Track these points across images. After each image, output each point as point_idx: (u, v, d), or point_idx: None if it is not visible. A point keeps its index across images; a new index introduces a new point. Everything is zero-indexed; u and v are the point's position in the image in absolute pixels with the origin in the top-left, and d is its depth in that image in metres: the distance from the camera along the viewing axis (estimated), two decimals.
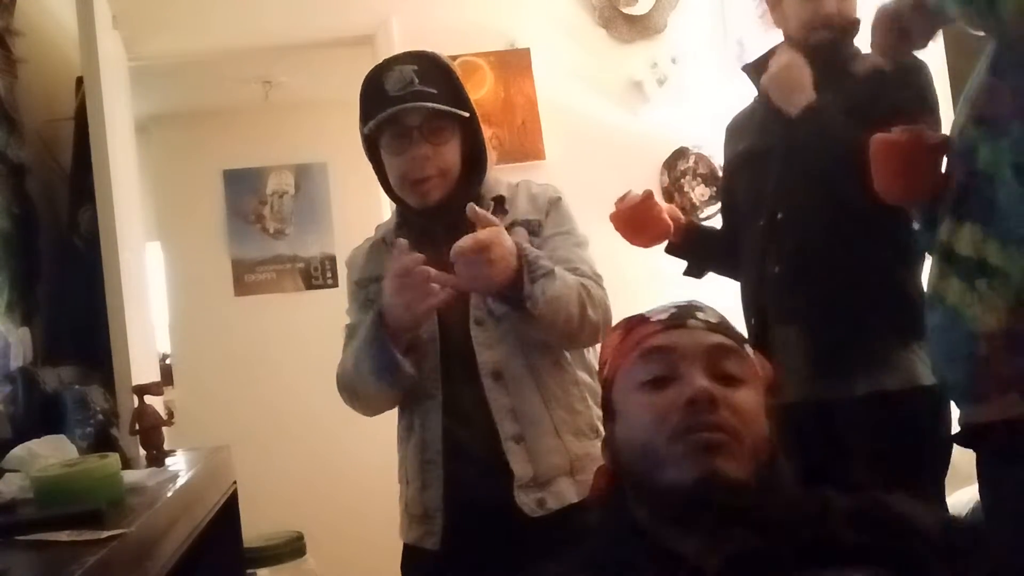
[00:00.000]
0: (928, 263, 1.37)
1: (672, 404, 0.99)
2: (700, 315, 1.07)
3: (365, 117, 1.60)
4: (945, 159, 1.35)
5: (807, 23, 1.91)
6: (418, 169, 1.57)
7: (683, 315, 1.07)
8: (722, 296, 1.96)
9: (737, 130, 2.12)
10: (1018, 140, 1.18)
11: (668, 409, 0.99)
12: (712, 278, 2.21)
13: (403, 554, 1.65)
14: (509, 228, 1.58)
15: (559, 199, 1.67)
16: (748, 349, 1.07)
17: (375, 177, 1.68)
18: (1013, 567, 1.03)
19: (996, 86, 1.23)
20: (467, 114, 1.60)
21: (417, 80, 1.55)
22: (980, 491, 1.35)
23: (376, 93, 1.58)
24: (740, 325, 1.99)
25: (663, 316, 1.08)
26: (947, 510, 1.86)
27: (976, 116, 1.26)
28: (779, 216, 1.92)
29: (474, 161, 1.65)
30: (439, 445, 1.56)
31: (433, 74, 1.58)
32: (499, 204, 1.64)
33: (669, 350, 1.03)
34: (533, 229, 1.64)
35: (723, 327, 1.07)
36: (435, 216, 1.62)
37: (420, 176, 1.58)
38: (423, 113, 1.56)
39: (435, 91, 1.56)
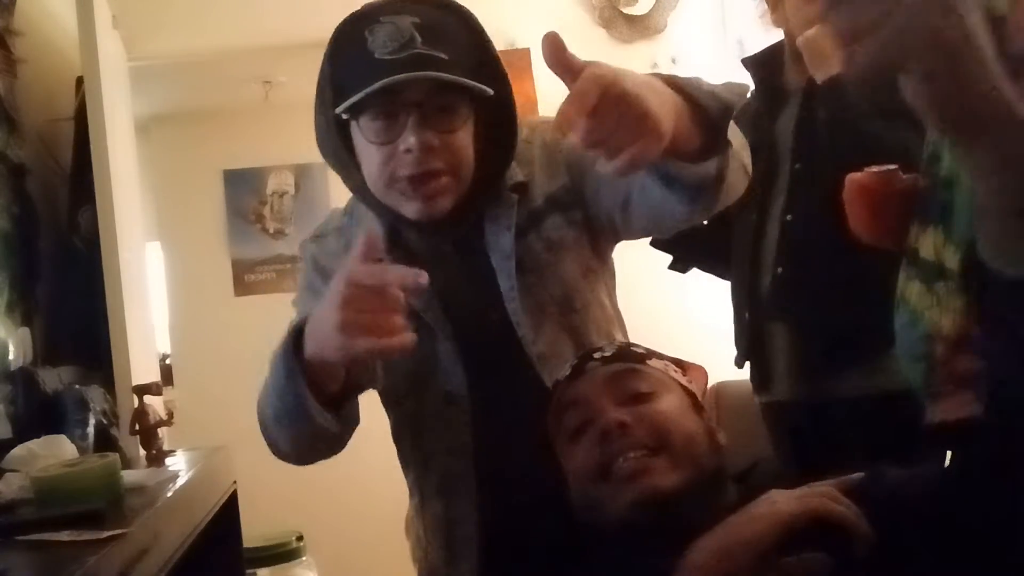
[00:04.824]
0: None
1: (591, 446, 1.02)
2: (597, 355, 1.10)
3: (337, 88, 1.11)
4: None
5: (811, 26, 1.91)
6: (415, 164, 1.08)
7: (581, 362, 1.10)
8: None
9: None
10: None
11: (590, 452, 1.02)
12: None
13: None
14: (539, 217, 1.18)
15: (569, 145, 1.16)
16: (653, 361, 1.10)
17: None
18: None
19: None
20: (491, 91, 1.11)
21: (419, 38, 1.06)
22: None
23: (356, 54, 1.09)
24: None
25: (566, 371, 1.11)
26: None
27: None
28: (788, 218, 1.87)
29: (496, 143, 1.16)
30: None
31: (442, 27, 1.10)
32: (521, 192, 1.19)
33: (576, 400, 1.07)
34: (565, 203, 1.18)
35: (620, 355, 1.10)
36: (441, 231, 1.17)
37: (417, 172, 1.08)
38: (427, 87, 1.07)
39: (445, 56, 1.06)
